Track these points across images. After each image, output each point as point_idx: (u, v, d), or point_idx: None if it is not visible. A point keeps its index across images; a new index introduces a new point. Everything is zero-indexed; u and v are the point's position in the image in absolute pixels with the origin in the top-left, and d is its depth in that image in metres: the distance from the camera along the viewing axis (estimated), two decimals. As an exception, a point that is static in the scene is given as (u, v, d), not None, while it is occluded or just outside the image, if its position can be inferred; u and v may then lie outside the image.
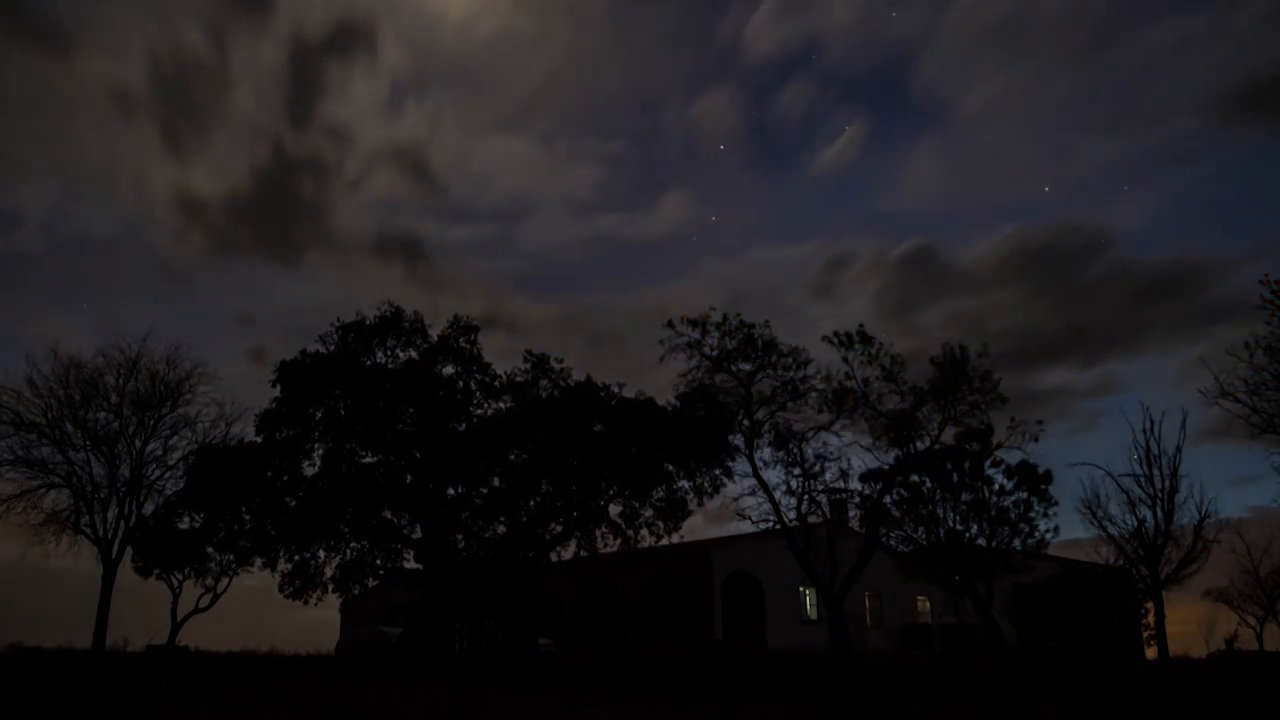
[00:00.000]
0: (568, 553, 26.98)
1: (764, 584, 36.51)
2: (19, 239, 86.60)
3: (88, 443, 32.10)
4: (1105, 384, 78.77)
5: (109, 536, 32.00)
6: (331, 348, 26.55)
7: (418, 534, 26.68)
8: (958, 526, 27.45)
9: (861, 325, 27.23)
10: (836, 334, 27.32)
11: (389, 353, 26.97)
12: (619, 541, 26.41)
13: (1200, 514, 28.73)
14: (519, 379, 27.21)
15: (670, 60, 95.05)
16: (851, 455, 27.96)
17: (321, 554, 26.27)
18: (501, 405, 27.12)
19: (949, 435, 27.28)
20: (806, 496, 27.84)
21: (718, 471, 26.73)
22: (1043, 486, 27.30)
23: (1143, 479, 29.29)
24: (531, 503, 26.27)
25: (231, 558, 30.15)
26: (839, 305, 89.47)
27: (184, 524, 29.72)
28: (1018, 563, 27.54)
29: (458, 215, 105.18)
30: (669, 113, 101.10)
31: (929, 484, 27.73)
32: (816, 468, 27.72)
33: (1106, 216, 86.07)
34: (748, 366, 27.75)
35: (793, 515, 27.91)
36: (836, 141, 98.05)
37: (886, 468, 27.71)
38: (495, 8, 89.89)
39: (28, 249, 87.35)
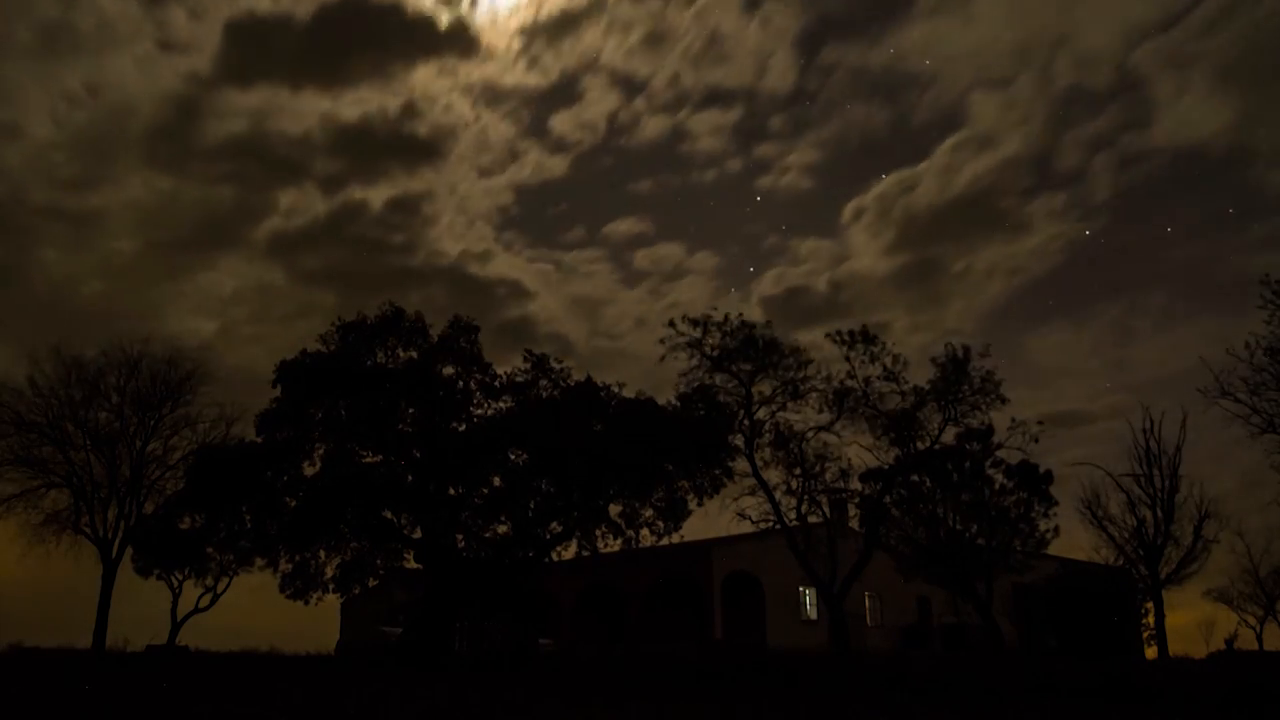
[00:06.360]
0: (568, 553, 26.96)
1: (764, 584, 36.48)
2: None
3: (88, 442, 32.08)
4: None
5: (109, 536, 31.98)
6: (332, 347, 26.55)
7: (418, 534, 26.68)
8: (958, 526, 27.47)
9: (864, 326, 27.28)
10: (839, 332, 27.36)
11: (389, 353, 26.96)
12: (619, 541, 26.39)
13: (1200, 514, 28.83)
14: (519, 379, 27.21)
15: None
16: (851, 455, 27.86)
17: (322, 554, 26.27)
18: (501, 405, 27.13)
19: (949, 435, 27.31)
20: (806, 496, 27.84)
21: (718, 471, 26.72)
22: (1043, 486, 27.35)
23: (1143, 479, 29.42)
24: (531, 503, 26.26)
25: (231, 558, 30.12)
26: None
27: (184, 524, 29.69)
28: (1018, 563, 27.55)
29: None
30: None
31: (929, 484, 27.75)
32: (816, 468, 27.72)
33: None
34: (748, 366, 27.74)
35: (793, 515, 27.92)
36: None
37: (886, 468, 27.71)
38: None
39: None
